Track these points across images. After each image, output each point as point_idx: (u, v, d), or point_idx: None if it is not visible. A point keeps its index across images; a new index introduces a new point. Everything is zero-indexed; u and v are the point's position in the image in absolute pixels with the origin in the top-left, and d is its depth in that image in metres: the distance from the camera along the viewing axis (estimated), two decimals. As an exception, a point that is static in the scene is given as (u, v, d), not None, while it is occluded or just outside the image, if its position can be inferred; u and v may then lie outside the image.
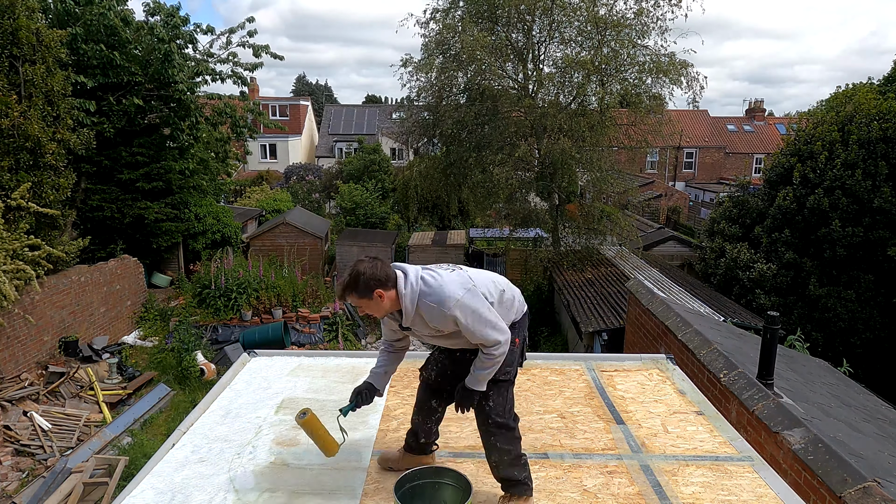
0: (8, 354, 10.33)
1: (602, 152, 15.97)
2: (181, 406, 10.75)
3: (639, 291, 6.82)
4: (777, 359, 4.68)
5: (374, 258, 2.46)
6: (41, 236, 11.28)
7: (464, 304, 2.36)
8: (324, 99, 58.50)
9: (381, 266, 2.41)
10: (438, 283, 2.41)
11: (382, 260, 2.46)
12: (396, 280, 2.43)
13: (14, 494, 7.99)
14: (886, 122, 13.64)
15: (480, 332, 2.39)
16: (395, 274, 2.44)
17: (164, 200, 15.70)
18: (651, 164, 38.03)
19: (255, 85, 39.01)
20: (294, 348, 13.43)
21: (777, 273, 13.99)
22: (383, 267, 2.41)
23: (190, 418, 3.41)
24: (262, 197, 26.76)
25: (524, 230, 17.95)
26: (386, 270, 2.41)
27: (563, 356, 4.41)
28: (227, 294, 14.19)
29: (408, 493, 2.47)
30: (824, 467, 3.36)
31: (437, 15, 16.33)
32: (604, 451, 3.13)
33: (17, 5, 10.72)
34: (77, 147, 11.99)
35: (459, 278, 2.47)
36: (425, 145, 19.36)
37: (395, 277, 2.43)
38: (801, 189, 14.25)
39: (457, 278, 2.46)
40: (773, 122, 42.11)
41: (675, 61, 14.96)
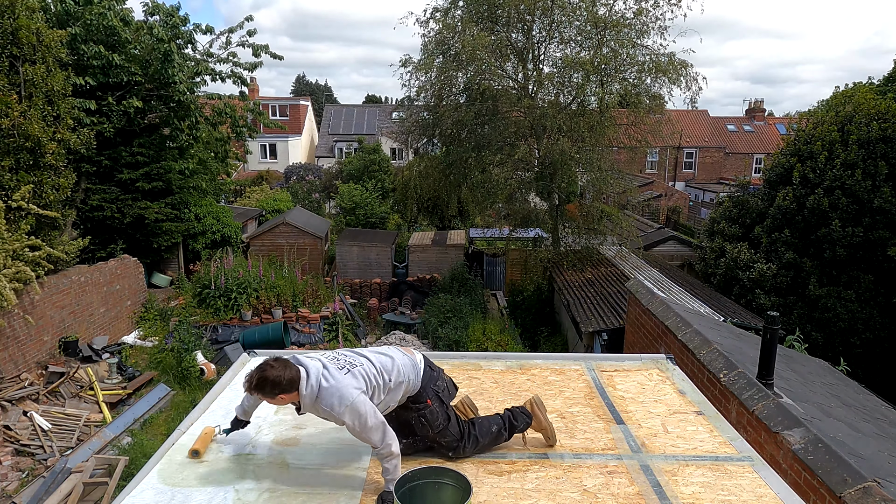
0: (8, 354, 10.33)
1: (602, 152, 15.96)
2: (181, 406, 10.74)
3: (639, 291, 6.83)
4: (777, 359, 4.68)
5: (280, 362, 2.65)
6: (41, 236, 11.29)
7: (354, 408, 2.60)
8: (324, 99, 58.49)
9: (287, 372, 2.62)
10: (335, 388, 2.63)
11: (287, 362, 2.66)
12: (299, 382, 2.63)
13: (14, 494, 8.00)
14: (886, 121, 13.64)
15: (367, 436, 2.64)
16: (299, 375, 2.64)
17: (164, 200, 15.70)
18: (651, 164, 38.05)
19: (255, 85, 39.03)
20: (294, 348, 13.43)
21: (777, 273, 13.99)
22: (288, 372, 2.62)
23: (190, 418, 3.41)
24: (262, 197, 26.77)
25: (524, 230, 17.95)
26: (290, 375, 2.62)
27: (563, 356, 4.41)
28: (227, 294, 14.19)
29: (408, 493, 2.47)
30: (824, 467, 3.36)
31: (437, 14, 16.32)
32: (604, 451, 3.13)
33: (17, 5, 10.73)
34: (77, 147, 11.99)
35: (354, 381, 2.69)
36: (425, 145, 19.35)
37: (298, 379, 2.63)
38: (800, 189, 14.26)
39: (351, 382, 2.68)
40: (773, 122, 42.13)
41: (675, 61, 14.95)
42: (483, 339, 13.78)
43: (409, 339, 14.79)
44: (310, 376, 2.65)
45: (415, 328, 15.66)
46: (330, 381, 2.64)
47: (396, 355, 2.96)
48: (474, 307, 15.61)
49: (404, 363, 2.93)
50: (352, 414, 2.60)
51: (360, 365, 2.80)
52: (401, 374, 2.87)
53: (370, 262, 19.21)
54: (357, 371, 2.75)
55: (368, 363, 2.83)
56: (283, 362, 2.64)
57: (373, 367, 2.81)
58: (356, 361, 2.82)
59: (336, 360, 2.80)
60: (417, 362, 3.01)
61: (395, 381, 2.85)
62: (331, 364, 2.75)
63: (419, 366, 3.00)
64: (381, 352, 2.97)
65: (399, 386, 2.86)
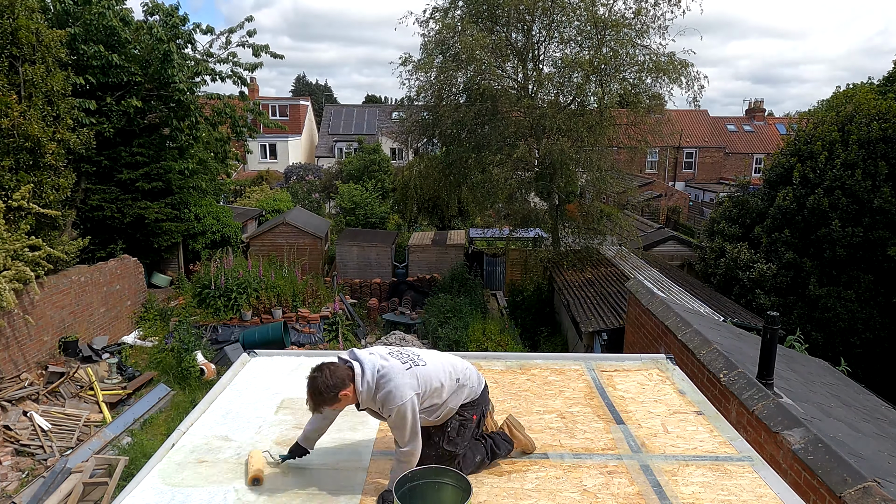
0: (8, 354, 10.33)
1: (601, 152, 15.95)
2: (181, 406, 10.74)
3: (639, 291, 6.83)
4: (777, 359, 4.68)
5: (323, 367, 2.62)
6: (41, 236, 11.29)
7: (401, 411, 2.59)
8: (323, 99, 58.50)
9: (334, 371, 2.60)
10: (391, 383, 2.61)
11: (331, 364, 2.64)
12: (353, 377, 2.63)
13: (14, 494, 7.99)
14: (886, 121, 13.64)
15: (403, 434, 2.64)
16: (351, 371, 2.63)
17: (164, 200, 15.70)
18: (651, 164, 38.05)
19: (255, 85, 39.03)
20: (294, 348, 13.43)
21: (777, 273, 13.99)
22: (337, 371, 2.61)
23: (190, 418, 3.41)
24: (262, 197, 26.77)
25: (524, 230, 17.94)
26: (339, 374, 2.61)
27: (563, 356, 4.41)
28: (227, 294, 14.19)
29: (408, 493, 2.47)
30: (824, 467, 3.36)
31: (437, 14, 16.32)
32: (604, 451, 3.13)
33: (17, 5, 10.73)
34: (77, 147, 11.99)
35: (412, 380, 2.67)
36: (425, 145, 19.34)
37: (352, 375, 2.63)
38: (800, 189, 14.25)
39: (409, 381, 2.66)
40: (773, 122, 42.13)
41: (675, 61, 14.95)
42: (483, 339, 13.78)
43: (409, 338, 14.78)
44: (365, 372, 2.63)
45: (415, 328, 15.66)
46: (387, 377, 2.62)
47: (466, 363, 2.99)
48: (474, 307, 15.61)
49: (469, 367, 2.96)
50: (398, 415, 2.59)
51: (425, 364, 2.77)
52: (468, 378, 2.90)
53: (370, 262, 19.21)
54: (419, 370, 2.73)
55: (436, 361, 2.83)
56: (327, 368, 2.62)
57: (438, 368, 2.80)
58: (421, 360, 2.79)
59: (400, 355, 2.78)
60: (482, 380, 3.03)
61: (461, 382, 2.86)
62: (392, 358, 2.73)
63: (482, 378, 3.04)
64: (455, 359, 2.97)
65: (462, 388, 2.87)
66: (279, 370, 4.08)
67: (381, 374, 2.63)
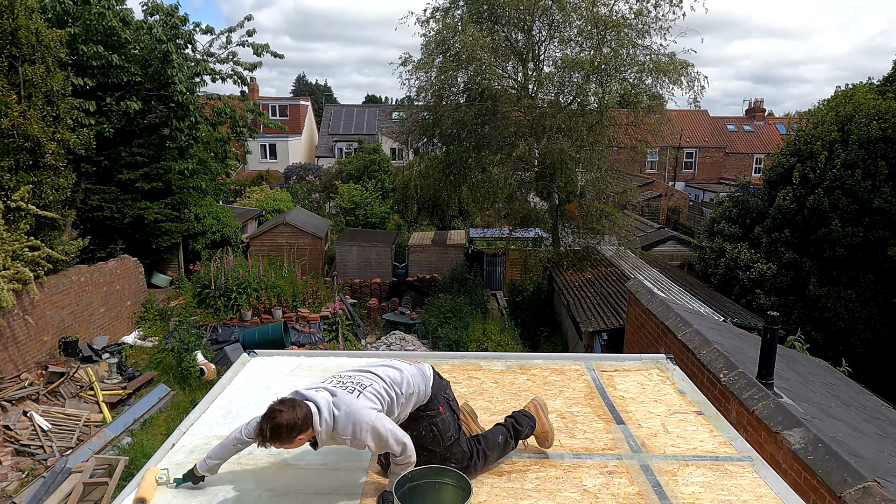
0: (8, 354, 10.33)
1: (601, 152, 15.97)
2: (181, 406, 10.75)
3: (639, 291, 6.83)
4: (777, 359, 4.68)
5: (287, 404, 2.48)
6: (41, 237, 11.29)
7: (374, 430, 2.50)
8: (323, 99, 58.50)
9: (298, 411, 2.46)
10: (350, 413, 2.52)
11: (294, 401, 2.50)
12: (312, 417, 2.49)
13: (14, 494, 7.99)
14: (886, 121, 13.64)
15: (391, 448, 2.56)
16: (310, 410, 2.50)
17: (164, 201, 15.70)
18: (651, 164, 38.06)
19: (255, 85, 39.04)
20: (294, 348, 13.43)
21: (777, 273, 13.99)
22: (300, 410, 2.46)
23: (190, 418, 3.40)
24: (262, 197, 26.77)
25: (524, 230, 17.95)
26: (303, 412, 2.47)
27: (563, 356, 4.41)
28: (227, 294, 14.19)
29: (407, 493, 2.47)
30: (824, 467, 3.36)
31: (438, 14, 16.32)
32: (604, 451, 3.13)
33: (16, 5, 10.72)
34: (77, 147, 11.99)
35: (368, 402, 2.58)
36: (425, 145, 19.35)
37: (311, 414, 2.49)
38: (800, 189, 14.25)
39: (365, 403, 2.57)
40: (773, 122, 42.14)
41: (675, 61, 14.96)
42: (483, 339, 13.78)
43: (408, 339, 14.80)
44: (321, 410, 2.52)
45: (415, 328, 15.66)
46: (342, 408, 2.53)
47: (404, 366, 2.87)
48: (474, 307, 15.61)
49: (413, 373, 2.85)
50: (374, 436, 2.51)
51: (370, 384, 2.68)
52: (411, 386, 2.79)
53: (370, 262, 19.21)
54: (368, 391, 2.64)
55: (377, 379, 2.72)
56: (289, 403, 2.49)
57: (382, 383, 2.71)
58: (364, 381, 2.70)
59: (343, 385, 2.67)
60: (426, 371, 2.93)
61: (406, 394, 2.76)
62: (339, 390, 2.62)
63: (428, 374, 2.93)
64: (387, 364, 2.87)
65: (410, 398, 2.78)
66: (279, 370, 4.08)
67: (336, 407, 2.53)
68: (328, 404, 2.55)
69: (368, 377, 2.73)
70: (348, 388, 2.65)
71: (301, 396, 2.57)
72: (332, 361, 4.22)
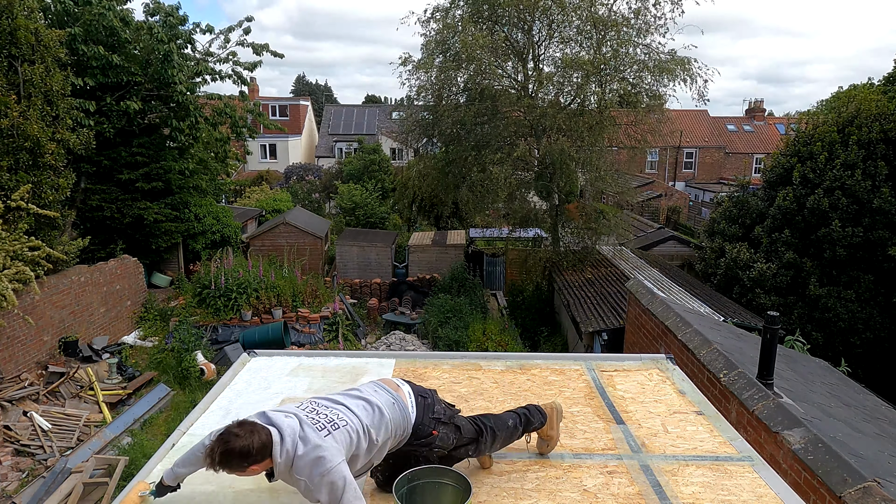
0: (8, 354, 10.33)
1: (601, 152, 15.97)
2: (181, 406, 10.74)
3: (639, 291, 6.83)
4: (777, 359, 4.68)
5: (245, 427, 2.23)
6: (41, 236, 11.29)
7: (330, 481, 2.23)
8: (324, 99, 58.52)
9: (255, 438, 2.21)
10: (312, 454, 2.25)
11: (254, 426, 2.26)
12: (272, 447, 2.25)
13: (14, 494, 7.99)
14: (888, 122, 13.65)
15: None
16: (270, 439, 2.25)
17: (164, 200, 15.70)
18: (651, 164, 38.08)
19: (255, 85, 39.05)
20: (294, 348, 13.43)
21: (777, 273, 13.99)
22: (257, 438, 2.21)
23: (190, 418, 3.40)
24: (262, 197, 26.76)
25: (524, 230, 17.95)
26: (261, 441, 2.22)
27: (563, 356, 4.41)
28: (227, 294, 14.18)
29: (407, 494, 2.47)
30: (824, 467, 3.36)
31: (438, 14, 16.34)
32: (604, 451, 3.13)
33: (16, 5, 10.73)
34: (76, 147, 11.99)
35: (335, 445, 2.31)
36: (425, 145, 19.35)
37: (271, 444, 2.24)
38: (800, 189, 14.26)
39: (332, 445, 2.29)
40: (773, 122, 42.15)
41: (676, 58, 14.96)
42: (483, 339, 13.78)
43: (409, 338, 14.80)
44: (284, 439, 2.27)
45: (415, 328, 15.66)
46: (307, 446, 2.26)
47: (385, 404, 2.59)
48: (474, 307, 15.61)
49: (394, 416, 2.59)
50: (328, 488, 2.22)
51: (345, 424, 2.40)
52: (388, 431, 2.55)
53: (370, 262, 19.21)
54: (339, 433, 2.36)
55: (354, 420, 2.45)
56: (248, 427, 2.23)
57: (359, 425, 2.45)
58: (340, 419, 2.43)
59: (315, 418, 2.40)
60: (407, 405, 2.67)
61: (383, 440, 2.54)
62: (309, 422, 2.35)
63: (409, 409, 2.67)
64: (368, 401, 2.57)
65: (385, 444, 2.56)
66: (279, 370, 4.08)
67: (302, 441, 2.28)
68: (294, 435, 2.29)
69: (345, 415, 2.46)
70: (320, 423, 2.38)
71: (266, 420, 2.34)
72: (332, 361, 4.22)
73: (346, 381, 3.85)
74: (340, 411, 2.48)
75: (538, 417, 2.97)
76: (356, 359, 4.30)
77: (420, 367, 4.13)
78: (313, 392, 3.74)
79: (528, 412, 2.96)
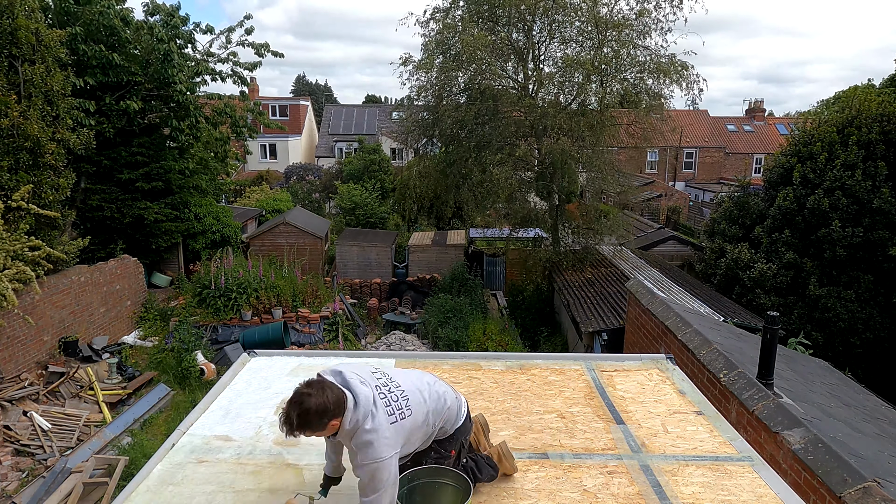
0: (8, 354, 10.32)
1: (602, 152, 15.98)
2: (181, 406, 10.74)
3: (639, 291, 6.83)
4: (777, 359, 4.68)
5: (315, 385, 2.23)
6: (41, 236, 11.28)
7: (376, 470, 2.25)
8: (323, 99, 58.52)
9: (329, 393, 2.22)
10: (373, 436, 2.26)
11: (323, 383, 2.26)
12: (346, 403, 2.26)
13: (14, 494, 7.99)
14: (888, 123, 13.66)
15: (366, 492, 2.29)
16: (344, 396, 2.26)
17: (164, 200, 15.70)
18: (651, 164, 38.07)
19: (255, 85, 39.05)
20: (294, 348, 13.43)
21: (777, 273, 14.00)
22: (331, 393, 2.22)
23: (190, 418, 3.40)
24: (262, 197, 26.76)
25: (524, 230, 17.94)
26: (335, 396, 2.23)
27: (563, 356, 4.41)
28: (227, 294, 14.18)
29: (407, 494, 2.47)
30: (824, 467, 3.36)
31: (438, 15, 16.33)
32: (604, 451, 3.13)
33: (16, 5, 10.73)
34: (77, 147, 11.99)
35: (395, 438, 2.32)
36: (425, 145, 19.35)
37: (345, 400, 2.26)
38: (801, 189, 14.26)
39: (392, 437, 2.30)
40: (773, 122, 42.15)
41: (676, 62, 14.99)
42: (483, 339, 13.78)
43: (409, 338, 14.80)
44: (358, 406, 2.27)
45: (415, 328, 15.66)
46: (375, 424, 2.27)
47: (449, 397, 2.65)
48: (474, 307, 15.61)
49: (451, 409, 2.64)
50: (370, 472, 2.25)
51: (410, 414, 2.41)
52: (443, 421, 2.61)
53: (370, 262, 19.22)
54: (406, 422, 2.38)
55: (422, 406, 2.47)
56: (318, 385, 2.23)
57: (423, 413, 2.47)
58: (408, 406, 2.42)
59: (387, 400, 2.38)
60: (463, 412, 2.72)
61: (439, 427, 2.59)
62: (381, 403, 2.35)
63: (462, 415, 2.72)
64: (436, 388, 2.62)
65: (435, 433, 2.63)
66: (279, 370, 4.08)
67: (372, 417, 2.28)
68: (368, 405, 2.29)
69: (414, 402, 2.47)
70: (390, 407, 2.37)
71: (342, 380, 2.34)
72: (332, 361, 4.22)
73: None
74: (410, 396, 2.47)
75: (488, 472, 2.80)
76: (356, 359, 4.30)
77: (420, 367, 4.13)
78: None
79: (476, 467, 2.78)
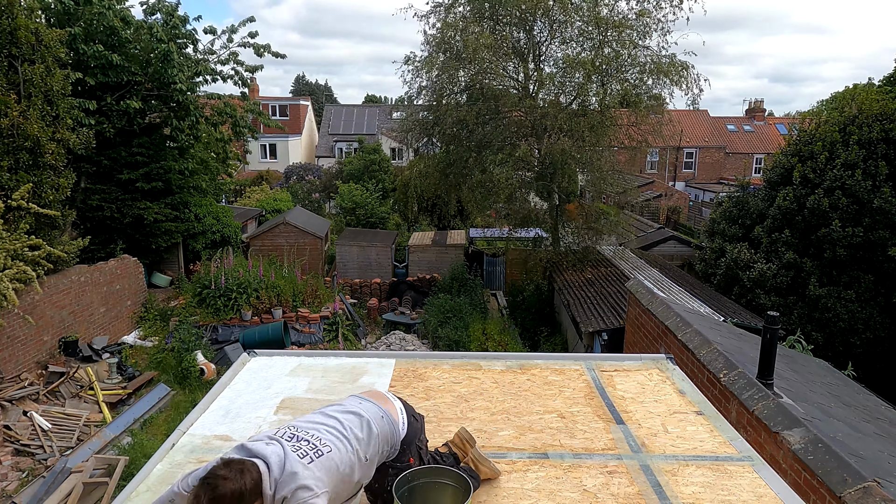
0: (8, 354, 10.32)
1: (602, 152, 15.98)
2: (181, 406, 10.75)
3: (639, 291, 6.83)
4: (777, 359, 4.68)
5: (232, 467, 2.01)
6: (41, 236, 11.29)
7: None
8: (324, 99, 58.53)
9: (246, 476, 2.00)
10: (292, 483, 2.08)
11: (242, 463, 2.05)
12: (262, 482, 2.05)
13: (14, 494, 7.99)
14: (888, 122, 13.65)
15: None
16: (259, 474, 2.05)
17: (164, 200, 15.70)
18: (651, 164, 38.07)
19: (255, 85, 39.02)
20: (294, 348, 13.43)
21: (777, 273, 13.99)
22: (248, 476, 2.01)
23: (190, 418, 3.40)
24: (262, 197, 26.77)
25: (524, 230, 17.95)
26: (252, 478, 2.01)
27: (563, 356, 4.41)
28: (227, 294, 14.19)
29: (407, 494, 2.47)
30: (824, 467, 3.36)
31: (440, 10, 16.33)
32: (604, 450, 3.12)
33: (16, 5, 10.73)
34: (77, 147, 11.99)
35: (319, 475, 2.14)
36: (425, 145, 19.36)
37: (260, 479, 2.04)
38: (801, 189, 14.26)
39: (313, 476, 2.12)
40: (774, 122, 42.16)
41: (676, 62, 14.98)
42: (483, 339, 13.79)
43: (409, 338, 14.80)
44: (271, 468, 2.09)
45: (415, 328, 15.66)
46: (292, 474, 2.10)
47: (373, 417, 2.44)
48: (474, 307, 15.61)
49: (382, 430, 2.44)
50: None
51: (328, 451, 2.22)
52: (377, 446, 2.41)
53: (370, 262, 19.22)
54: (323, 460, 2.19)
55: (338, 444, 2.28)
56: (237, 466, 2.01)
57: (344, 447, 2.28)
58: (322, 444, 2.24)
59: (297, 444, 2.21)
60: (398, 421, 2.53)
61: (371, 455, 2.38)
62: (290, 449, 2.17)
63: (398, 427, 2.52)
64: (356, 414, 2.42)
65: (373, 461, 2.41)
66: (279, 370, 4.08)
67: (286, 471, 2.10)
68: (280, 461, 2.12)
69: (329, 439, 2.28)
70: (302, 449, 2.20)
71: (248, 453, 2.15)
72: (332, 361, 4.22)
73: (345, 381, 3.85)
74: (322, 434, 2.29)
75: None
76: (356, 359, 4.30)
77: (420, 367, 4.13)
78: (314, 392, 3.74)
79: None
